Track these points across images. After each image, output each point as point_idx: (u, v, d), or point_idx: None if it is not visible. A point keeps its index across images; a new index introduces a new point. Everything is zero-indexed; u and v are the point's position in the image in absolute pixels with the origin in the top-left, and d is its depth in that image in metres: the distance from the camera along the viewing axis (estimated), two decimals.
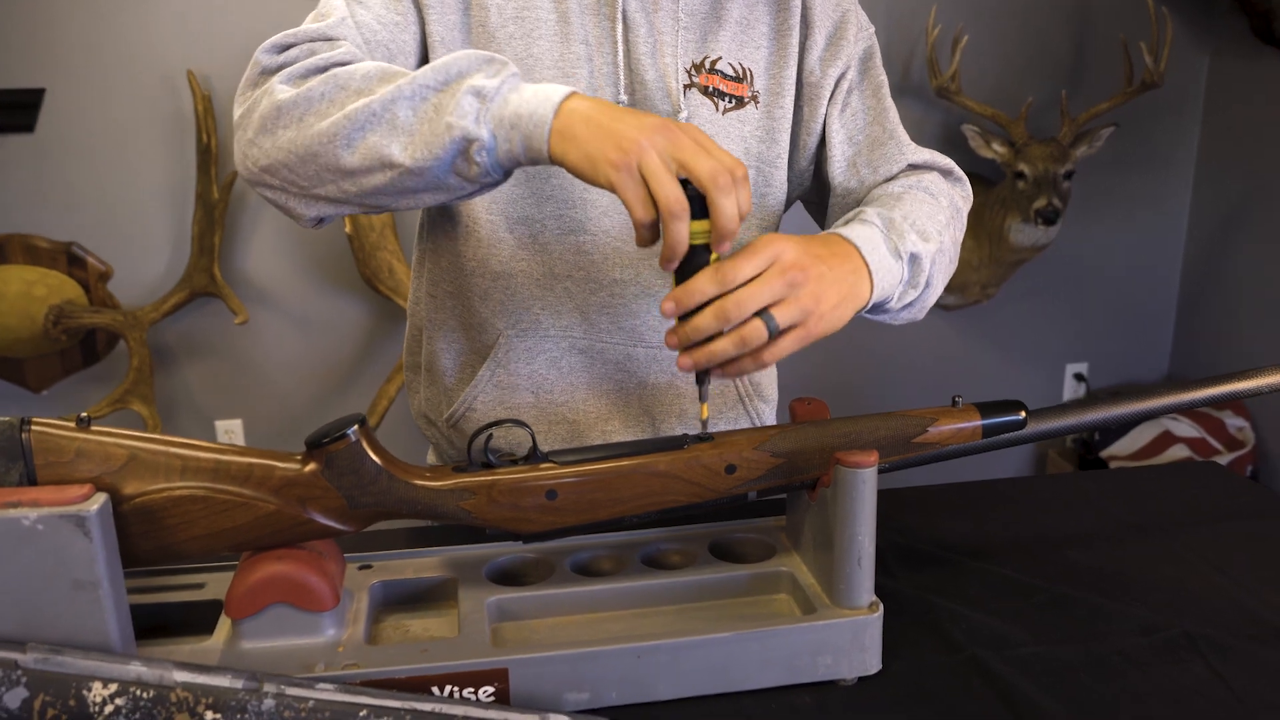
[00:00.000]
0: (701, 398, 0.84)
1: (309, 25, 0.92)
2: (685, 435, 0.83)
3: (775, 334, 0.80)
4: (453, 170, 0.80)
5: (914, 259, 0.94)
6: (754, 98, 1.04)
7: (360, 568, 0.88)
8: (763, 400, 1.16)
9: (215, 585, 0.85)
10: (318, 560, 0.78)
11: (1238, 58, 2.90)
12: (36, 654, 0.67)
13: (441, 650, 0.76)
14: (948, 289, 1.80)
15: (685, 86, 1.01)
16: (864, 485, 0.78)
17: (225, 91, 2.51)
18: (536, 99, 0.78)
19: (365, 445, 0.76)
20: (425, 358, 1.14)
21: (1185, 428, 2.88)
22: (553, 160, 0.78)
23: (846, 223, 0.94)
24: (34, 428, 0.71)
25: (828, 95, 1.06)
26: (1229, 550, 1.03)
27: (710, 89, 1.02)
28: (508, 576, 0.90)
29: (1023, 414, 0.88)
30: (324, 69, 0.86)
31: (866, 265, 0.88)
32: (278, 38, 0.90)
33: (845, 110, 1.07)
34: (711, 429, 1.14)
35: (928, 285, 0.97)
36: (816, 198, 1.13)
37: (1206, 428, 2.86)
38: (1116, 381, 3.29)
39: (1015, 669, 0.83)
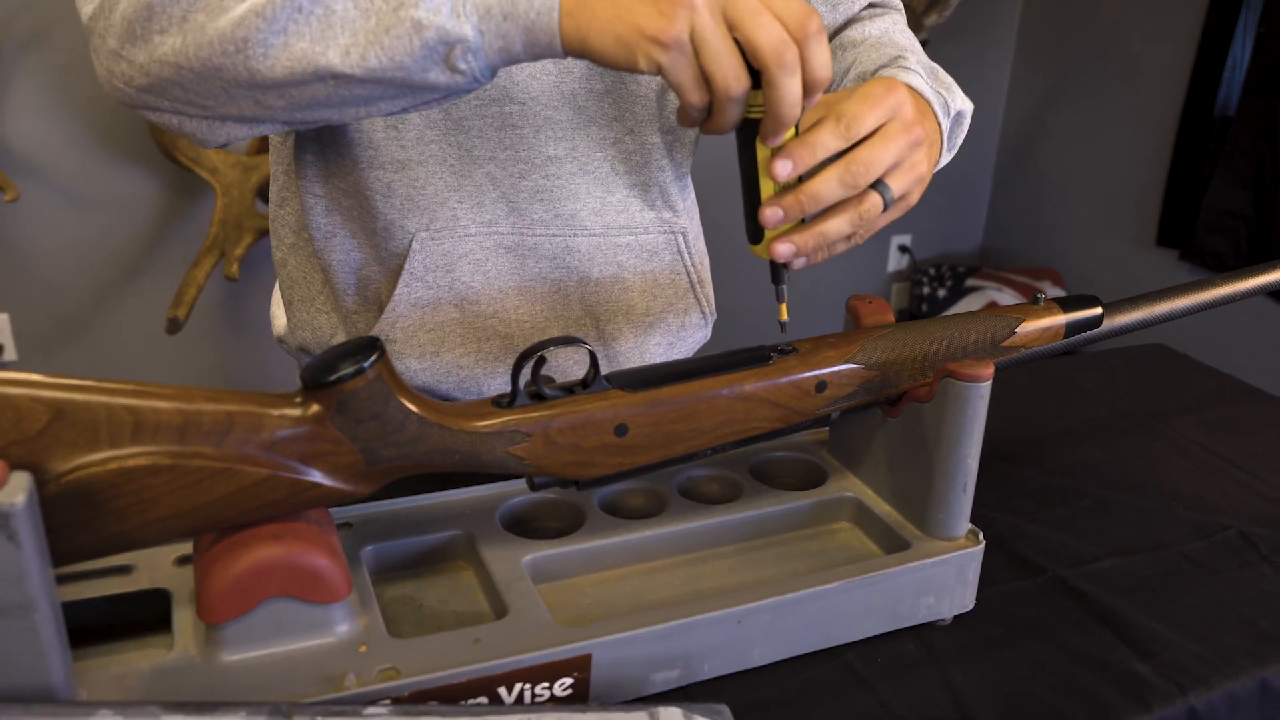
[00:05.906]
0: (779, 296, 0.68)
1: None
2: (763, 347, 0.68)
3: (887, 208, 0.66)
4: (424, 80, 0.61)
5: (959, 118, 0.80)
6: None
7: (339, 526, 0.69)
8: (704, 286, 1.00)
9: (149, 568, 0.63)
10: (320, 535, 0.58)
11: None
12: None
13: (499, 639, 0.59)
14: None
15: None
16: (980, 401, 0.67)
17: None
18: None
19: (388, 380, 0.56)
20: (304, 274, 0.92)
21: (1008, 298, 3.01)
22: (567, 52, 0.59)
23: (894, 69, 0.77)
24: None
25: None
26: (1219, 439, 1.01)
27: None
28: (522, 523, 0.73)
29: (1099, 310, 0.79)
30: None
31: (939, 125, 0.74)
32: None
33: None
34: (659, 329, 0.98)
35: (952, 152, 0.83)
36: None
37: (1028, 297, 3.00)
38: (936, 254, 3.38)
39: (1100, 587, 0.76)
